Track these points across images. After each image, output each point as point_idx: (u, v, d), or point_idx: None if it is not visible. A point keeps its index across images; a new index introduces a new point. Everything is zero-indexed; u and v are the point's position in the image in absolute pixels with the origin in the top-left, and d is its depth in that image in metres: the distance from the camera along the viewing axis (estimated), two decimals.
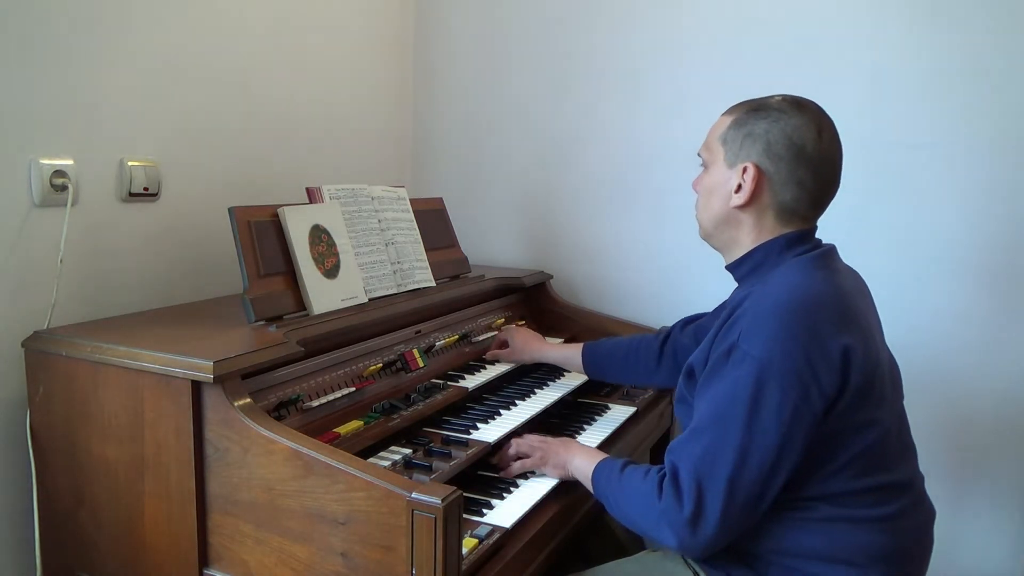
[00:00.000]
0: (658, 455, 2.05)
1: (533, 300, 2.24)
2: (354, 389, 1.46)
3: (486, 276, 2.05)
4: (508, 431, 1.52)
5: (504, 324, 2.03)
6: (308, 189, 1.62)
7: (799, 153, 1.21)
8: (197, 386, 1.19)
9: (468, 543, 1.17)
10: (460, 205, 2.34)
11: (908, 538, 1.22)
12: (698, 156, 1.35)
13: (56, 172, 1.45)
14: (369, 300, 1.61)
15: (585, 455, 1.37)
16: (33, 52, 1.42)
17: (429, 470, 1.32)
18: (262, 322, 1.40)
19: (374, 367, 1.54)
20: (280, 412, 1.31)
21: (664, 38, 2.16)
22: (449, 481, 1.28)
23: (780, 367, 1.10)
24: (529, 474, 1.44)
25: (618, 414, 1.81)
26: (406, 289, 1.73)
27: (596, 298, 2.32)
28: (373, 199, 1.73)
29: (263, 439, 1.14)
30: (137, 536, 1.27)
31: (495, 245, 2.45)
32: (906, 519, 1.21)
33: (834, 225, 1.39)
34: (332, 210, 1.59)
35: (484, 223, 2.45)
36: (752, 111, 1.26)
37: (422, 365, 1.65)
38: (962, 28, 1.86)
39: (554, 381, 1.87)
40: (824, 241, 1.30)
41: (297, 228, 1.49)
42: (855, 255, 1.38)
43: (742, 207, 1.26)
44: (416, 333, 1.72)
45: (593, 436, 1.66)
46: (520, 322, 2.10)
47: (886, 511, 1.18)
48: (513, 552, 1.23)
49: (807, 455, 1.13)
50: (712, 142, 1.31)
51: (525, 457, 1.44)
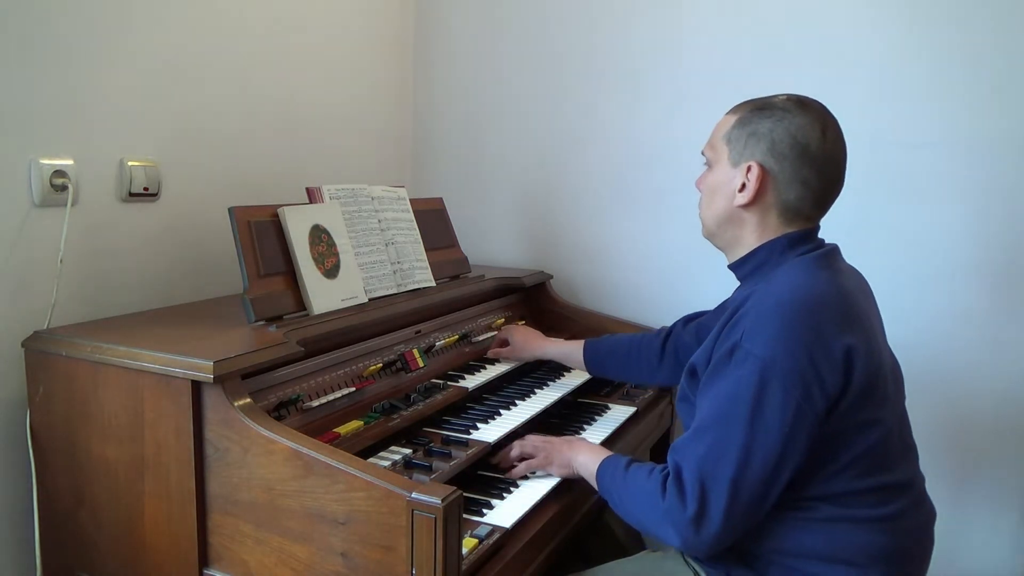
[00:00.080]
0: (658, 455, 2.05)
1: (533, 300, 2.24)
2: (354, 389, 1.46)
3: (486, 276, 2.05)
4: (508, 431, 1.52)
5: (504, 324, 2.03)
6: (308, 189, 1.62)
7: (803, 152, 1.21)
8: (197, 386, 1.19)
9: (468, 543, 1.17)
10: (460, 205, 2.34)
11: (909, 538, 1.22)
12: (702, 155, 1.35)
13: (56, 172, 1.45)
14: (369, 300, 1.61)
15: (589, 452, 1.37)
16: (33, 52, 1.42)
17: (429, 470, 1.32)
18: (262, 322, 1.40)
19: (374, 367, 1.54)
20: (280, 412, 1.31)
21: (664, 38, 2.16)
22: (449, 481, 1.28)
23: (783, 366, 1.10)
24: (530, 474, 1.44)
25: (618, 414, 1.81)
26: (406, 289, 1.73)
27: (596, 298, 2.32)
28: (373, 199, 1.73)
29: (263, 439, 1.14)
30: (137, 536, 1.27)
31: (495, 245, 2.45)
32: (907, 519, 1.21)
33: (836, 225, 1.39)
34: (332, 210, 1.59)
35: (484, 223, 2.45)
36: (757, 110, 1.26)
37: (422, 365, 1.65)
38: (963, 28, 1.85)
39: (554, 381, 1.87)
40: (827, 241, 1.30)
41: (297, 228, 1.49)
42: (856, 255, 1.38)
43: (746, 206, 1.26)
44: (416, 333, 1.72)
45: (593, 436, 1.66)
46: (520, 322, 2.09)
47: (887, 511, 1.18)
48: (513, 552, 1.23)
49: (809, 455, 1.13)
50: (716, 141, 1.31)
51: (529, 458, 1.44)
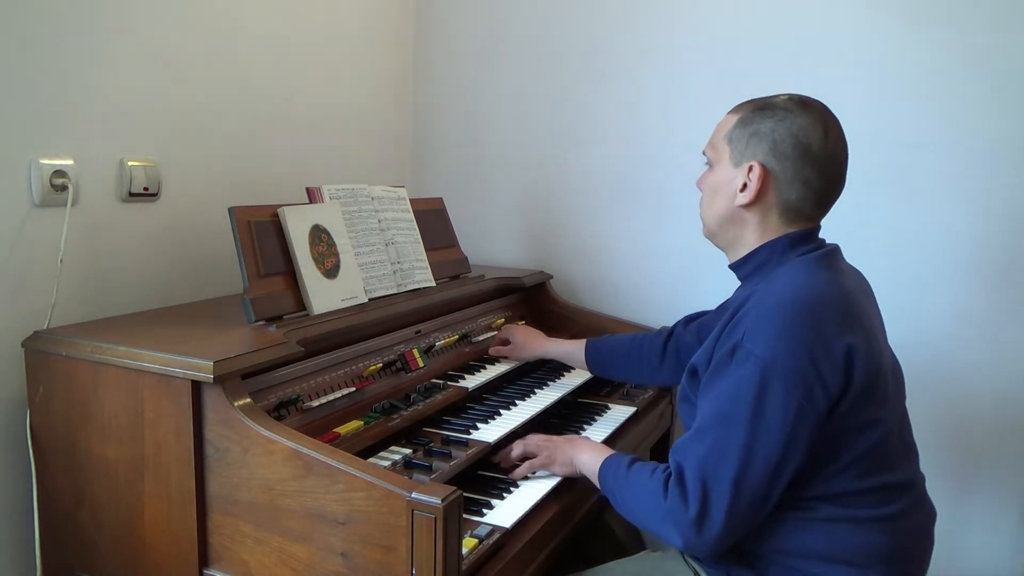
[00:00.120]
0: (659, 455, 2.05)
1: (533, 300, 2.24)
2: (354, 389, 1.46)
3: (486, 276, 2.05)
4: (508, 431, 1.52)
5: (504, 324, 2.03)
6: (308, 189, 1.62)
7: (805, 152, 1.21)
8: (197, 386, 1.19)
9: (468, 543, 1.17)
10: (460, 205, 2.34)
11: (909, 539, 1.22)
12: (703, 154, 1.35)
13: (56, 172, 1.45)
14: (369, 300, 1.61)
15: (592, 451, 1.37)
16: (33, 52, 1.42)
17: (429, 470, 1.32)
18: (262, 322, 1.40)
19: (374, 367, 1.54)
20: (280, 412, 1.31)
21: (665, 38, 2.16)
22: (449, 481, 1.28)
23: (784, 366, 1.10)
24: (531, 474, 1.44)
25: (618, 414, 1.81)
26: (406, 289, 1.73)
27: (596, 298, 2.32)
28: (373, 199, 1.73)
29: (263, 439, 1.14)
30: (137, 536, 1.27)
31: (495, 245, 2.45)
32: (907, 520, 1.21)
33: (837, 225, 1.39)
34: (332, 210, 1.59)
35: (484, 223, 2.45)
36: (758, 110, 1.25)
37: (422, 365, 1.65)
38: (963, 28, 1.85)
39: (554, 381, 1.87)
40: (828, 241, 1.30)
41: (297, 228, 1.49)
42: (858, 255, 1.38)
43: (747, 206, 1.26)
44: (416, 333, 1.72)
45: (593, 436, 1.65)
46: (520, 322, 2.09)
47: (887, 511, 1.18)
48: (513, 552, 1.23)
49: (810, 455, 1.13)
50: (717, 140, 1.31)
51: (532, 457, 1.44)
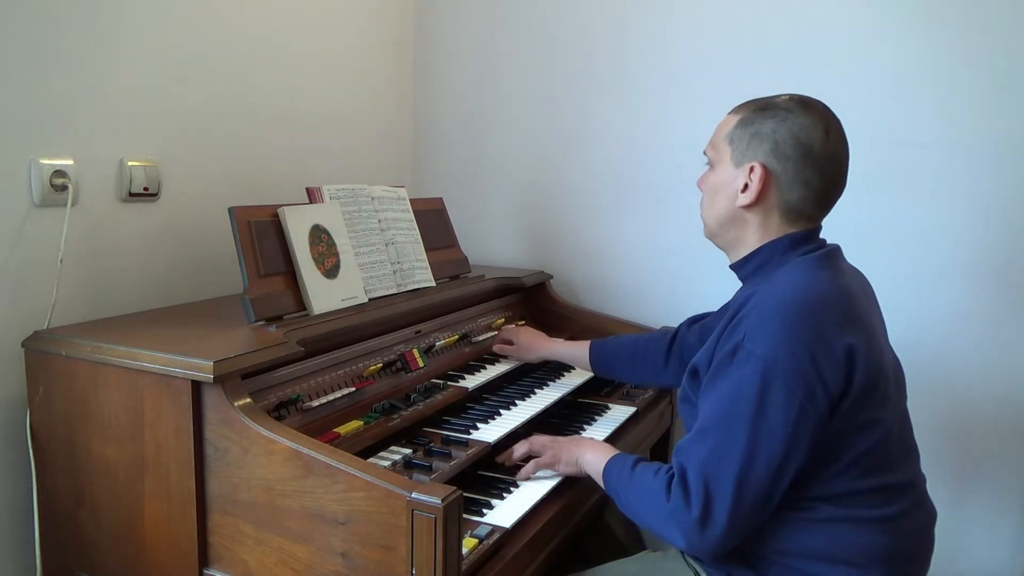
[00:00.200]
0: (658, 455, 2.05)
1: (533, 300, 2.24)
2: (354, 389, 1.46)
3: (486, 276, 2.05)
4: (508, 431, 1.52)
5: (504, 324, 2.03)
6: (308, 189, 1.62)
7: (806, 153, 1.21)
8: (197, 386, 1.19)
9: (468, 543, 1.16)
10: (460, 205, 2.34)
11: (909, 539, 1.22)
12: (703, 155, 1.35)
13: (56, 172, 1.45)
14: (369, 300, 1.61)
15: (596, 451, 1.37)
16: (33, 52, 1.42)
17: (429, 470, 1.32)
18: (262, 322, 1.40)
19: (374, 367, 1.54)
20: (280, 412, 1.31)
21: (665, 38, 2.16)
22: (449, 481, 1.28)
23: (785, 367, 1.10)
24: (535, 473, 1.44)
25: (618, 414, 1.81)
26: (406, 289, 1.73)
27: (596, 298, 2.32)
28: (373, 199, 1.73)
29: (263, 439, 1.14)
30: (137, 536, 1.27)
31: (495, 245, 2.45)
32: (907, 520, 1.21)
33: (838, 225, 1.39)
34: (332, 210, 1.59)
35: (484, 223, 2.45)
36: (759, 110, 1.25)
37: (422, 365, 1.65)
38: (964, 28, 1.85)
39: (554, 381, 1.87)
40: (828, 241, 1.30)
41: (297, 228, 1.49)
42: (858, 255, 1.38)
43: (748, 207, 1.26)
44: (416, 333, 1.72)
45: (593, 436, 1.65)
46: (520, 322, 2.09)
47: (888, 512, 1.18)
48: (513, 552, 1.23)
49: (811, 455, 1.13)
50: (718, 141, 1.30)
51: (536, 457, 1.44)
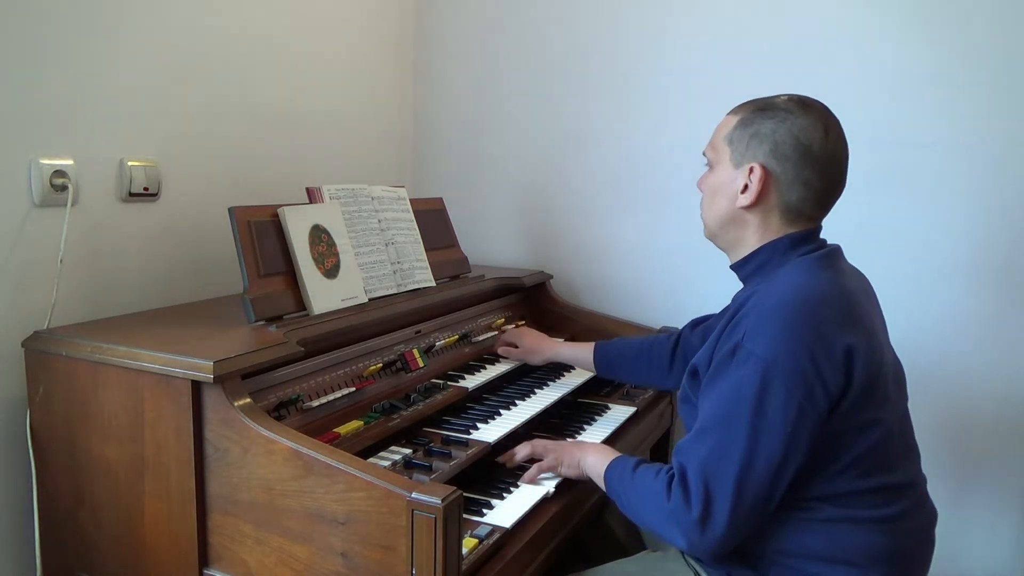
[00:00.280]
0: (658, 455, 2.05)
1: (533, 300, 2.24)
2: (354, 389, 1.46)
3: (486, 276, 2.05)
4: (508, 431, 1.52)
5: (504, 324, 2.03)
6: (308, 189, 1.62)
7: (806, 153, 1.21)
8: (197, 386, 1.19)
9: (468, 543, 1.17)
10: (460, 205, 2.34)
11: (909, 539, 1.22)
12: (703, 155, 1.35)
13: (56, 172, 1.45)
14: (369, 300, 1.61)
15: (598, 453, 1.37)
16: (33, 52, 1.42)
17: (429, 470, 1.32)
18: (262, 322, 1.40)
19: (374, 367, 1.54)
20: (280, 412, 1.31)
21: (664, 38, 2.16)
22: (449, 481, 1.28)
23: (784, 366, 1.10)
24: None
25: (618, 414, 1.81)
26: (406, 289, 1.73)
27: (596, 298, 2.32)
28: (373, 199, 1.73)
29: (263, 439, 1.14)
30: (137, 536, 1.27)
31: (495, 245, 2.45)
32: (908, 520, 1.21)
33: (838, 225, 1.39)
34: (332, 210, 1.59)
35: (484, 223, 2.45)
36: (758, 111, 1.25)
37: (422, 365, 1.65)
38: (964, 28, 1.85)
39: (554, 381, 1.87)
40: (829, 241, 1.30)
41: (297, 228, 1.49)
42: (858, 255, 1.37)
43: (748, 207, 1.26)
44: (416, 333, 1.72)
45: (593, 436, 1.66)
46: (520, 322, 2.09)
47: (888, 512, 1.18)
48: (513, 552, 1.23)
49: (811, 455, 1.13)
50: (718, 142, 1.30)
51: (539, 459, 1.44)
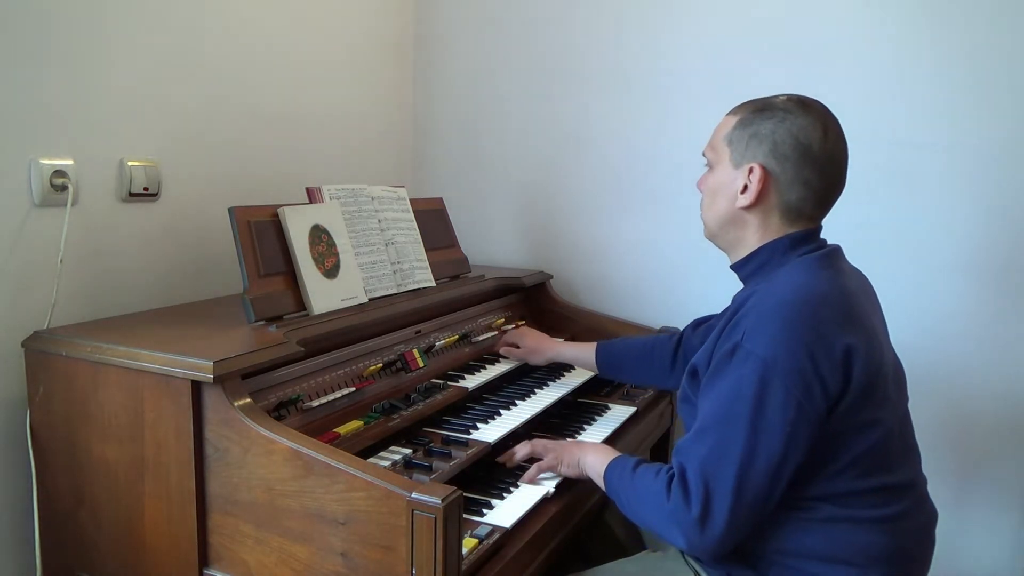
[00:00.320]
0: (658, 455, 2.05)
1: (533, 300, 2.24)
2: (354, 389, 1.46)
3: (486, 276, 2.05)
4: (508, 431, 1.52)
5: (504, 324, 2.03)
6: (308, 189, 1.62)
7: (805, 153, 1.21)
8: (197, 386, 1.19)
9: (468, 543, 1.17)
10: (460, 205, 2.34)
11: (909, 539, 1.22)
12: (702, 156, 1.35)
13: (56, 172, 1.45)
14: (369, 300, 1.61)
15: (597, 453, 1.37)
16: (33, 52, 1.42)
17: (429, 470, 1.32)
18: (262, 322, 1.40)
19: (374, 367, 1.54)
20: (280, 412, 1.31)
21: (665, 38, 2.16)
22: (449, 481, 1.28)
23: (784, 366, 1.10)
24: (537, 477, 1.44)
25: (618, 414, 1.81)
26: (406, 289, 1.73)
27: (596, 298, 2.32)
28: (373, 199, 1.73)
29: (263, 439, 1.14)
30: (137, 536, 1.27)
31: (495, 245, 2.45)
32: (908, 520, 1.21)
33: (838, 225, 1.39)
34: (332, 210, 1.59)
35: (484, 223, 2.45)
36: (757, 111, 1.25)
37: (422, 365, 1.65)
38: (964, 28, 1.85)
39: (554, 381, 1.87)
40: (829, 241, 1.30)
41: (297, 228, 1.49)
42: (859, 255, 1.37)
43: (748, 207, 1.26)
44: (416, 333, 1.72)
45: (593, 436, 1.66)
46: (520, 322, 2.09)
47: (888, 512, 1.18)
48: (513, 552, 1.23)
49: (810, 455, 1.13)
50: (717, 142, 1.30)
51: (539, 459, 1.44)
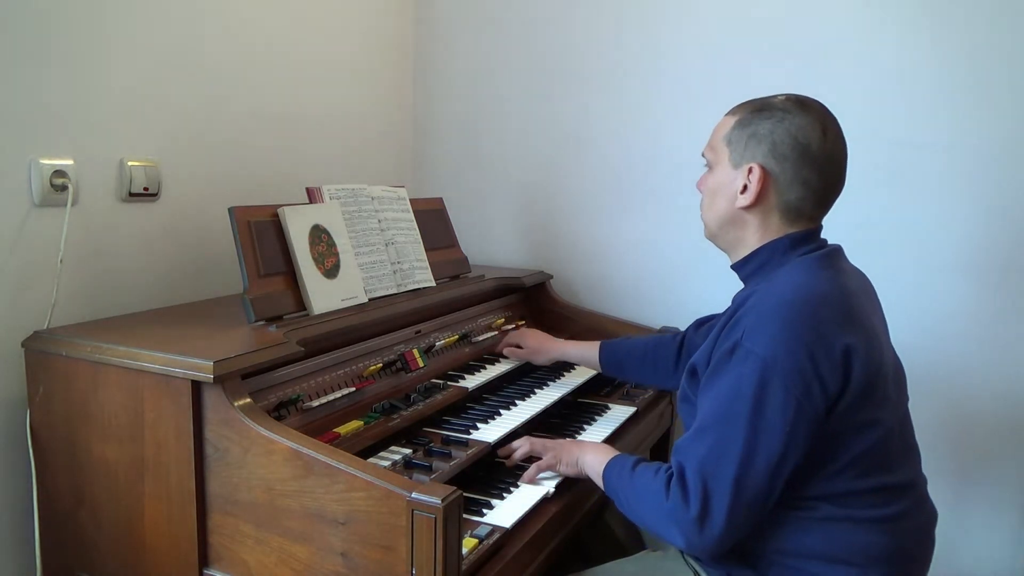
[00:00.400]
0: (658, 455, 2.05)
1: (533, 300, 2.24)
2: (354, 389, 1.46)
3: (486, 276, 2.05)
4: (508, 431, 1.52)
5: (504, 324, 2.03)
6: (308, 189, 1.62)
7: (804, 153, 1.21)
8: (197, 386, 1.19)
9: (468, 543, 1.17)
10: (460, 205, 2.34)
11: (909, 539, 1.22)
12: (702, 156, 1.35)
13: (56, 172, 1.45)
14: (369, 300, 1.61)
15: (596, 452, 1.37)
16: (33, 52, 1.42)
17: (429, 470, 1.32)
18: (262, 322, 1.40)
19: (374, 367, 1.54)
20: (280, 412, 1.31)
21: (665, 38, 2.16)
22: (449, 481, 1.28)
23: (784, 365, 1.10)
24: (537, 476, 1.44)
25: (618, 414, 1.81)
26: (406, 289, 1.73)
27: (596, 298, 2.32)
28: (373, 199, 1.73)
29: (263, 439, 1.14)
30: (137, 536, 1.27)
31: (495, 245, 2.45)
32: (908, 520, 1.21)
33: (838, 225, 1.39)
34: (332, 210, 1.59)
35: (484, 223, 2.45)
36: (756, 111, 1.25)
37: (422, 365, 1.65)
38: (964, 28, 1.85)
39: (554, 381, 1.87)
40: (829, 241, 1.30)
41: (297, 228, 1.49)
42: (859, 255, 1.37)
43: (748, 208, 1.26)
44: (416, 333, 1.72)
45: (593, 436, 1.66)
46: (520, 322, 2.10)
47: (887, 512, 1.18)
48: (513, 552, 1.23)
49: (809, 455, 1.13)
50: (716, 142, 1.30)
51: (538, 458, 1.44)
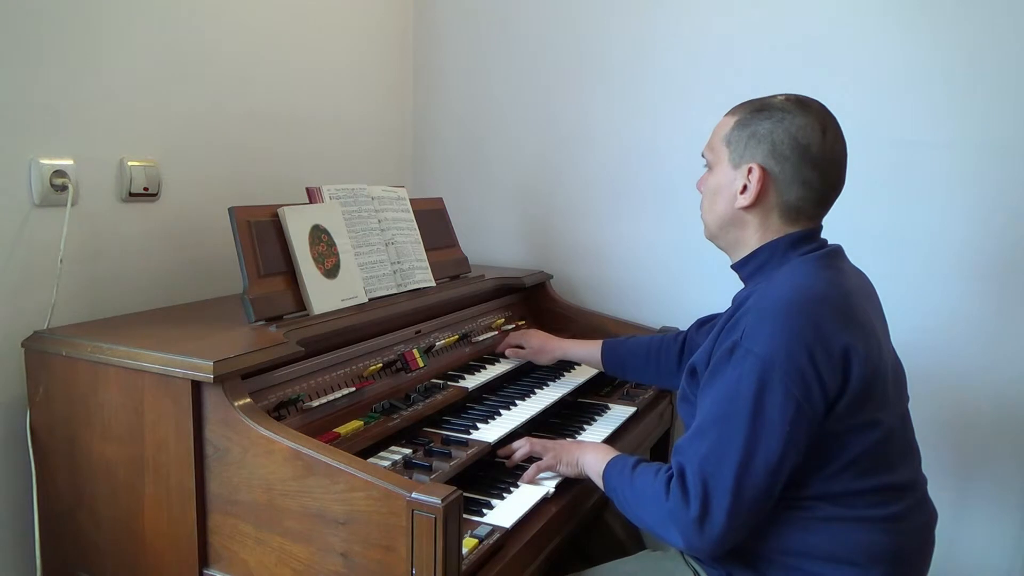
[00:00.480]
0: (659, 455, 2.05)
1: (533, 300, 2.24)
2: (354, 389, 1.46)
3: (486, 276, 2.05)
4: (508, 431, 1.53)
5: (504, 324, 2.03)
6: (308, 189, 1.62)
7: (804, 153, 1.21)
8: (197, 386, 1.19)
9: (468, 543, 1.17)
10: (460, 205, 2.34)
11: (909, 539, 1.22)
12: (702, 156, 1.35)
13: (56, 172, 1.45)
14: (369, 300, 1.61)
15: (596, 452, 1.37)
16: (33, 51, 1.42)
17: (429, 470, 1.32)
18: (262, 322, 1.40)
19: (374, 367, 1.54)
20: (280, 412, 1.31)
21: (664, 38, 2.16)
22: (449, 481, 1.28)
23: (783, 365, 1.10)
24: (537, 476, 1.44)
25: (618, 414, 1.81)
26: (406, 289, 1.73)
27: (596, 298, 2.32)
28: (373, 199, 1.73)
29: (263, 439, 1.14)
30: (137, 536, 1.27)
31: (495, 245, 2.45)
32: (908, 520, 1.21)
33: (838, 225, 1.39)
34: (332, 210, 1.59)
35: (484, 223, 2.45)
36: (756, 111, 1.25)
37: (422, 365, 1.65)
38: (965, 27, 1.85)
39: (554, 381, 1.87)
40: (829, 241, 1.30)
41: (297, 228, 1.49)
42: (859, 256, 1.37)
43: (747, 208, 1.26)
44: (416, 333, 1.72)
45: (594, 436, 1.66)
46: (520, 322, 2.10)
47: (888, 512, 1.18)
48: (513, 552, 1.23)
49: (809, 455, 1.13)
50: (716, 143, 1.30)
51: (538, 458, 1.44)
